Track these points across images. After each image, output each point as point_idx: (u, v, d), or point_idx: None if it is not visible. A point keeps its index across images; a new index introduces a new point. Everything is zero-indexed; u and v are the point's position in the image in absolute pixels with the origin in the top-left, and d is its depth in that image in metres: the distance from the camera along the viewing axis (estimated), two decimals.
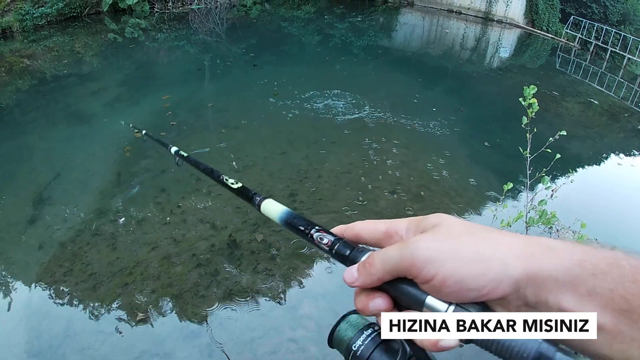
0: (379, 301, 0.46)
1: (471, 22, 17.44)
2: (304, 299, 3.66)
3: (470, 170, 5.95)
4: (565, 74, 12.64)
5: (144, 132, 3.44)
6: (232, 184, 0.84)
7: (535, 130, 3.07)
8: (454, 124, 7.19)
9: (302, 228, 0.58)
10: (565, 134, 3.11)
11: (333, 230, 0.55)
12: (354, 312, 0.55)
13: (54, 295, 3.86)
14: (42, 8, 17.47)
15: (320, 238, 0.54)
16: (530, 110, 2.92)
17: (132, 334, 3.40)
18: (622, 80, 12.98)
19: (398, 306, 0.46)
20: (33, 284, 4.02)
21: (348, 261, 0.50)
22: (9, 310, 3.82)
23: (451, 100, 8.56)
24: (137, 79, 10.45)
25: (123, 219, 4.65)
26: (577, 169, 6.53)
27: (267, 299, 3.63)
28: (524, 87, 2.87)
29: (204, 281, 3.77)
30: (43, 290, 3.93)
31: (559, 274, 0.37)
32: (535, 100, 2.89)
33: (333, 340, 0.55)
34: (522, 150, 3.23)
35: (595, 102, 9.92)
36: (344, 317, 0.56)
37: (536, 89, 2.83)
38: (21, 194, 5.45)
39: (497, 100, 9.40)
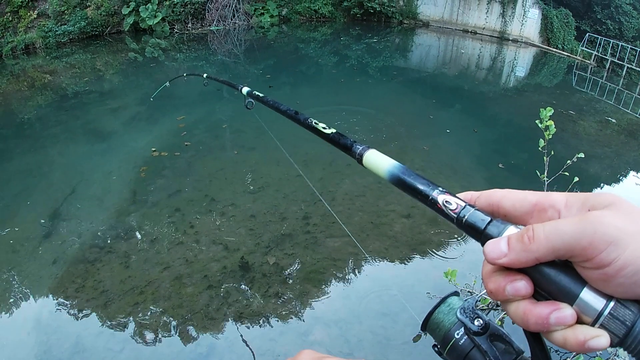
0: (521, 284, 0.38)
1: (486, 41, 17.51)
2: (315, 324, 3.62)
3: None
4: (581, 92, 12.54)
5: (205, 75, 3.44)
6: (324, 128, 0.74)
7: (552, 152, 3.01)
8: (469, 145, 7.15)
9: (421, 188, 0.48)
10: (582, 156, 3.04)
11: (461, 195, 0.46)
12: (456, 293, 0.50)
13: (65, 310, 3.89)
14: (65, 26, 18.02)
15: (446, 202, 0.45)
16: (547, 132, 2.86)
17: (140, 353, 3.39)
18: (639, 97, 12.83)
19: (535, 294, 0.39)
20: (45, 298, 4.06)
21: (482, 235, 0.42)
22: (19, 323, 3.85)
23: (466, 121, 8.53)
24: (156, 98, 10.60)
25: (137, 237, 4.69)
26: (596, 190, 6.41)
27: (278, 323, 3.60)
28: (541, 109, 2.83)
29: (215, 303, 3.76)
30: (54, 305, 3.96)
31: None
32: (552, 123, 2.82)
33: (429, 324, 0.50)
34: (539, 174, 3.18)
35: (613, 120, 9.79)
36: (444, 298, 0.50)
37: (552, 110, 2.76)
38: (38, 209, 5.54)
39: (513, 121, 9.34)
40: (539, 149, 2.95)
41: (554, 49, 17.04)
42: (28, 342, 3.62)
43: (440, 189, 0.46)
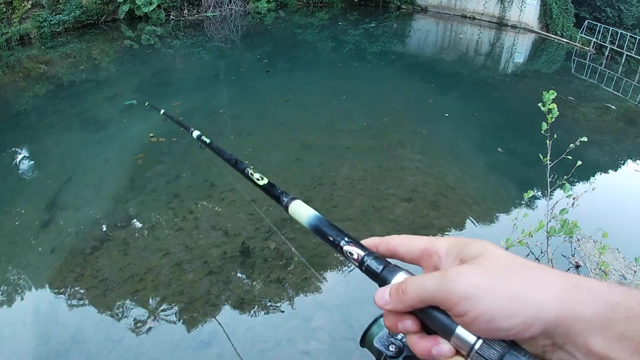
0: (408, 323, 0.45)
1: (485, 27, 17.31)
2: (317, 310, 3.57)
3: (487, 177, 5.83)
4: (580, 79, 12.44)
5: (162, 111, 3.39)
6: (258, 179, 0.79)
7: (555, 136, 2.95)
8: (469, 129, 7.07)
9: (332, 238, 0.55)
10: (586, 140, 2.98)
11: (366, 241, 0.53)
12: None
13: (64, 300, 3.85)
14: (60, 15, 17.85)
15: (349, 252, 0.52)
16: (550, 115, 2.81)
17: (141, 342, 3.36)
18: (638, 84, 12.74)
19: (426, 328, 0.45)
20: (44, 289, 4.02)
21: (379, 279, 0.49)
22: (18, 314, 3.81)
23: (465, 106, 8.44)
24: (153, 86, 10.51)
25: (136, 224, 4.62)
26: (596, 176, 6.35)
27: (280, 309, 3.55)
28: (543, 92, 2.76)
29: (216, 289, 3.71)
30: (53, 295, 3.92)
31: (591, 317, 0.37)
32: (555, 106, 2.78)
33: (365, 341, 0.60)
34: (541, 157, 3.11)
35: (612, 107, 9.71)
36: (376, 320, 0.60)
37: (555, 93, 2.72)
38: (35, 198, 5.46)
39: (512, 106, 9.25)
40: (542, 132, 2.91)
41: (553, 36, 16.84)
42: (27, 333, 3.59)
43: (347, 239, 0.53)
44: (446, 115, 7.31)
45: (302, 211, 0.63)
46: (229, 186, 5.01)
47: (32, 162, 6.78)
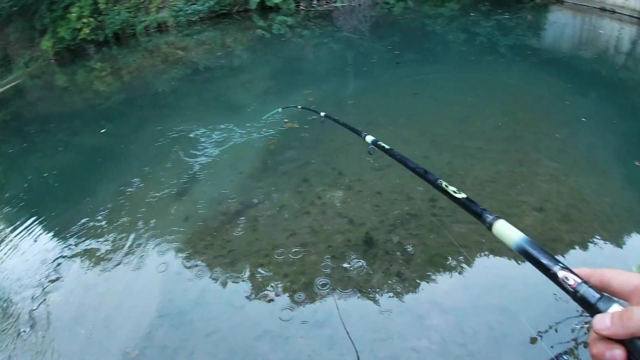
0: (618, 352, 0.50)
1: (626, 22, 15.56)
2: (432, 309, 3.59)
3: (625, 193, 5.33)
4: None
5: (322, 114, 3.70)
6: (454, 192, 0.83)
7: None
8: (607, 138, 6.47)
9: (545, 262, 0.60)
10: None
11: (578, 271, 0.58)
12: (565, 353, 0.60)
13: (192, 264, 4.36)
14: (195, 5, 19.80)
15: (566, 278, 0.57)
16: None
17: (258, 312, 3.66)
18: None
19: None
20: (174, 251, 4.59)
21: (592, 308, 0.54)
22: (149, 272, 4.39)
23: (604, 111, 7.70)
24: (284, 74, 11.22)
25: (266, 203, 5.07)
26: None
27: (395, 302, 3.63)
28: None
29: (336, 274, 3.90)
30: (183, 258, 4.47)
31: None
32: None
33: None
34: None
35: None
36: (557, 357, 0.63)
37: None
38: (173, 170, 6.22)
39: None
40: None
41: None
42: (154, 289, 4.13)
43: (561, 265, 0.57)
44: (583, 119, 6.78)
45: (508, 232, 0.68)
46: (357, 176, 5.22)
47: (170, 137, 7.65)
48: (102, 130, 9.47)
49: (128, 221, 5.30)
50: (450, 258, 4.00)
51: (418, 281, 3.83)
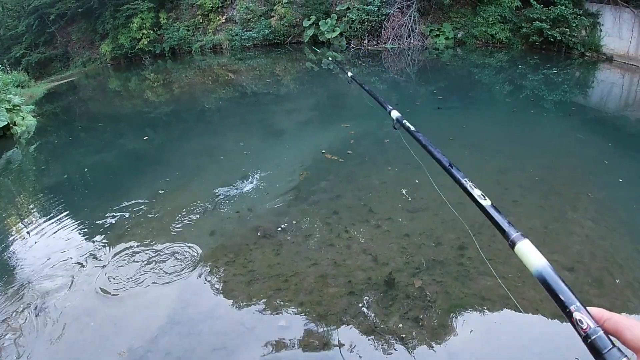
0: None
1: None
2: None
3: None
4: None
5: (349, 74, 3.67)
6: (480, 196, 0.76)
7: None
8: None
9: (562, 298, 0.58)
10: None
11: (593, 310, 0.57)
12: None
13: (211, 277, 4.37)
14: (250, 32, 20.69)
15: (580, 320, 0.55)
16: None
17: (269, 335, 3.59)
18: None
19: None
20: (195, 261, 4.61)
21: (600, 358, 0.52)
22: (166, 276, 4.41)
23: None
24: (327, 107, 11.43)
25: (292, 229, 5.07)
26: None
27: (409, 348, 3.50)
28: None
29: (352, 310, 3.82)
30: (202, 269, 4.48)
31: None
32: None
33: None
34: None
35: None
36: None
37: None
38: (205, 186, 6.32)
39: None
40: None
41: None
42: (169, 296, 4.14)
43: (578, 304, 0.56)
44: (620, 180, 6.54)
45: (532, 255, 0.63)
46: (387, 214, 5.16)
47: (209, 153, 7.81)
48: (145, 138, 9.76)
49: (156, 226, 5.39)
50: (471, 310, 3.86)
51: (435, 330, 3.70)
